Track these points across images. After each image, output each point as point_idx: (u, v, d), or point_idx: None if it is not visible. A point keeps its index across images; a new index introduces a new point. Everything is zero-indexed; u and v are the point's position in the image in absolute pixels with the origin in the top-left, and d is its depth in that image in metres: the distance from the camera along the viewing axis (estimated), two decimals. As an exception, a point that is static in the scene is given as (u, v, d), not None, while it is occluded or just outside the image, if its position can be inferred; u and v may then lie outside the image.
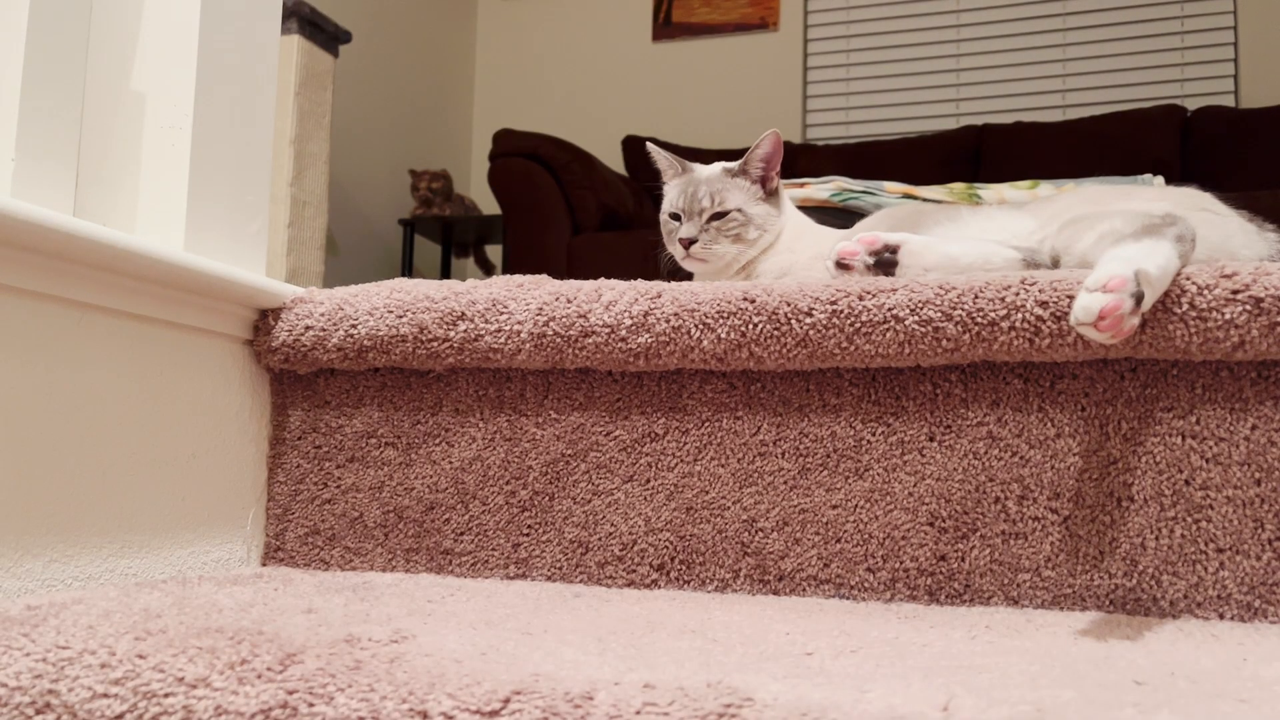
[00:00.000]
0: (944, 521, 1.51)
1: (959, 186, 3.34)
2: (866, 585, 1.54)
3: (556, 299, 1.68)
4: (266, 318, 1.81)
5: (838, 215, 3.00)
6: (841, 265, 1.80)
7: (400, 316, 1.73)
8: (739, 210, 2.27)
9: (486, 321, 1.69)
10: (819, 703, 0.82)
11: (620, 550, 1.64)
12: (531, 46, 7.60)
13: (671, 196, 2.39)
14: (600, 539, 1.66)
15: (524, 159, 5.22)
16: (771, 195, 2.33)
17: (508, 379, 1.74)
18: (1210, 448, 1.43)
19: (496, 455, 1.72)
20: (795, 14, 7.00)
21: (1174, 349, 1.41)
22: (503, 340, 1.68)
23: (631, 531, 1.64)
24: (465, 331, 1.70)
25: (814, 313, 1.54)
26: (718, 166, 2.38)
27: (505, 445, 1.72)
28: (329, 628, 1.14)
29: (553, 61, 7.51)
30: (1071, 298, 1.42)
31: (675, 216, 2.35)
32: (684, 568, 1.62)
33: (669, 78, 7.20)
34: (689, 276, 2.35)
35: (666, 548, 1.62)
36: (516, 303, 1.69)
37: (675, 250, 2.33)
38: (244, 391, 1.79)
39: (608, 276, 1.80)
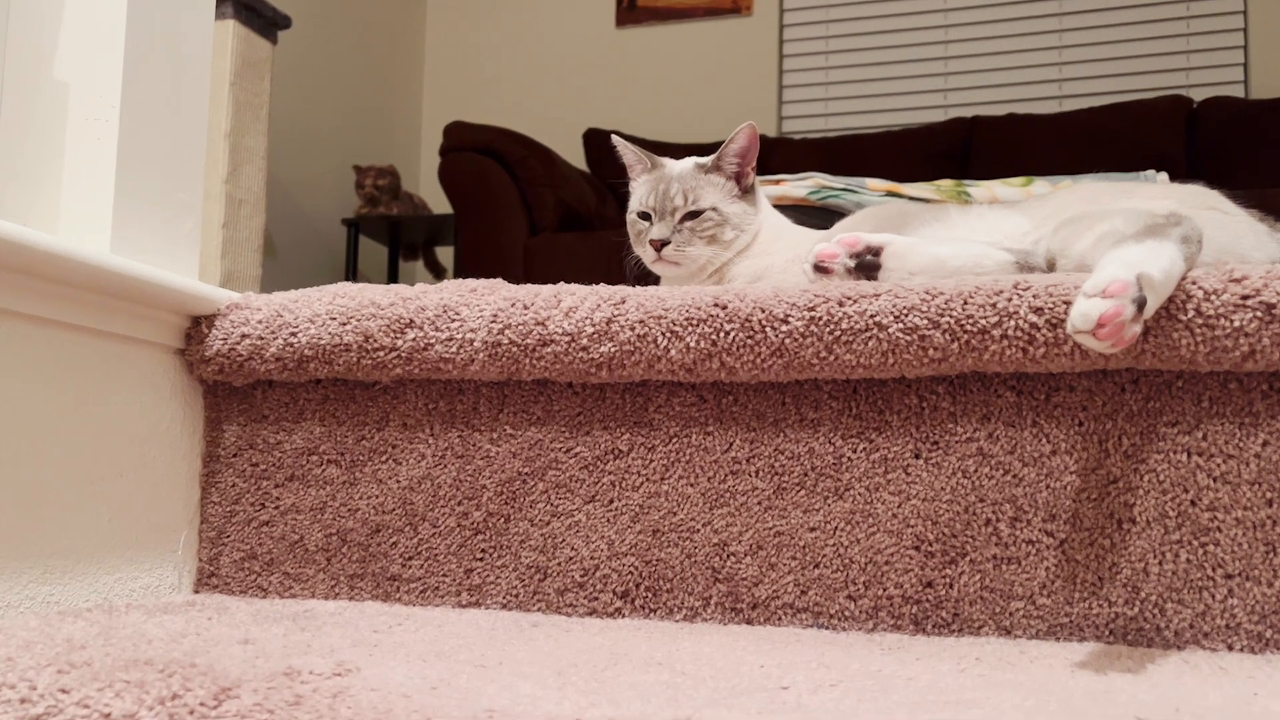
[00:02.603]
0: (931, 545, 1.52)
1: (947, 184, 3.35)
2: (847, 614, 1.54)
3: (512, 305, 1.68)
4: (200, 325, 1.80)
5: (816, 214, 3.01)
6: (820, 268, 1.81)
7: (344, 324, 1.73)
8: (714, 209, 2.27)
9: (437, 329, 1.69)
10: (796, 740, 0.82)
11: (581, 576, 1.65)
12: (485, 32, 7.58)
13: (640, 194, 2.38)
14: (560, 564, 1.66)
15: (477, 154, 5.21)
16: (747, 193, 2.33)
17: (460, 391, 1.74)
18: (1218, 465, 1.43)
19: (448, 474, 1.72)
20: (770, -3, 7.01)
21: (1179, 359, 1.41)
22: (454, 349, 1.68)
23: (593, 556, 1.64)
24: (414, 340, 1.70)
25: (790, 320, 1.54)
26: (690, 162, 2.38)
27: (457, 463, 1.72)
28: (267, 660, 1.14)
29: (508, 49, 7.49)
30: (1068, 303, 1.43)
31: (644, 216, 2.34)
32: (650, 595, 1.62)
33: (634, 66, 7.18)
34: (658, 281, 2.35)
35: (631, 573, 1.63)
36: (469, 309, 1.69)
37: (644, 253, 2.32)
38: (175, 405, 1.79)
39: (568, 280, 1.80)
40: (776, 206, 2.55)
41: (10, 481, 1.47)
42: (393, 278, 6.55)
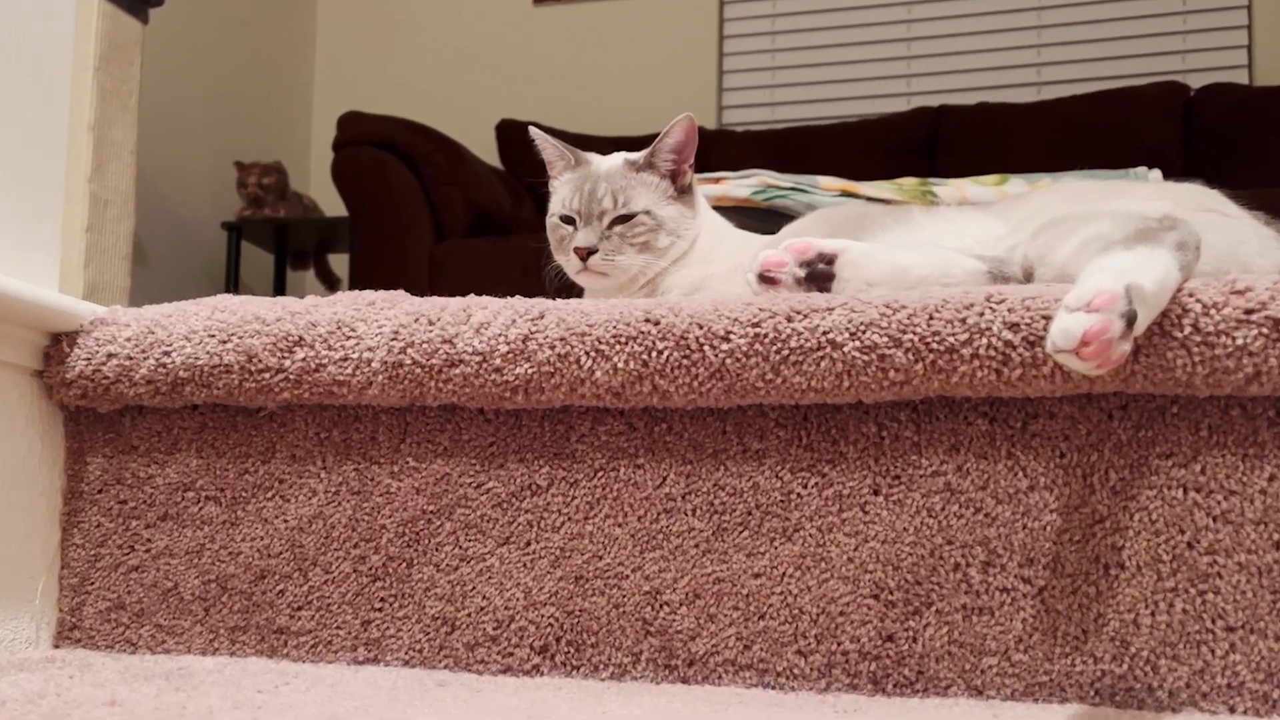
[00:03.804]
0: (892, 594, 1.52)
1: (910, 182, 3.37)
2: (797, 672, 1.54)
3: (416, 320, 1.67)
4: (60, 343, 1.79)
5: (761, 217, 3.02)
6: (766, 279, 1.81)
7: (224, 342, 1.72)
8: (647, 213, 2.27)
9: (330, 348, 1.69)
10: (739, 814, 0.83)
11: (494, 629, 1.64)
12: (385, 11, 7.53)
13: (563, 195, 2.37)
14: (470, 615, 1.65)
15: (376, 148, 5.20)
16: (684, 193, 2.33)
17: (356, 418, 1.73)
18: (1218, 503, 1.44)
19: (342, 512, 1.72)
20: (709, -29, 7.00)
21: (1174, 381, 1.42)
22: (350, 371, 1.67)
23: (508, 606, 1.64)
24: (304, 360, 1.69)
25: (732, 337, 1.55)
26: (619, 158, 2.38)
27: (353, 500, 1.72)
28: (134, 727, 1.13)
29: (411, 29, 7.45)
30: (1048, 318, 1.43)
31: (568, 220, 2.34)
32: (572, 650, 1.62)
33: (554, 50, 7.15)
34: (582, 293, 2.34)
35: (551, 625, 1.62)
36: (367, 325, 1.69)
37: (568, 262, 2.32)
38: (31, 434, 1.77)
39: (479, 292, 1.80)
40: (716, 208, 2.55)
41: None
42: (280, 289, 6.52)
